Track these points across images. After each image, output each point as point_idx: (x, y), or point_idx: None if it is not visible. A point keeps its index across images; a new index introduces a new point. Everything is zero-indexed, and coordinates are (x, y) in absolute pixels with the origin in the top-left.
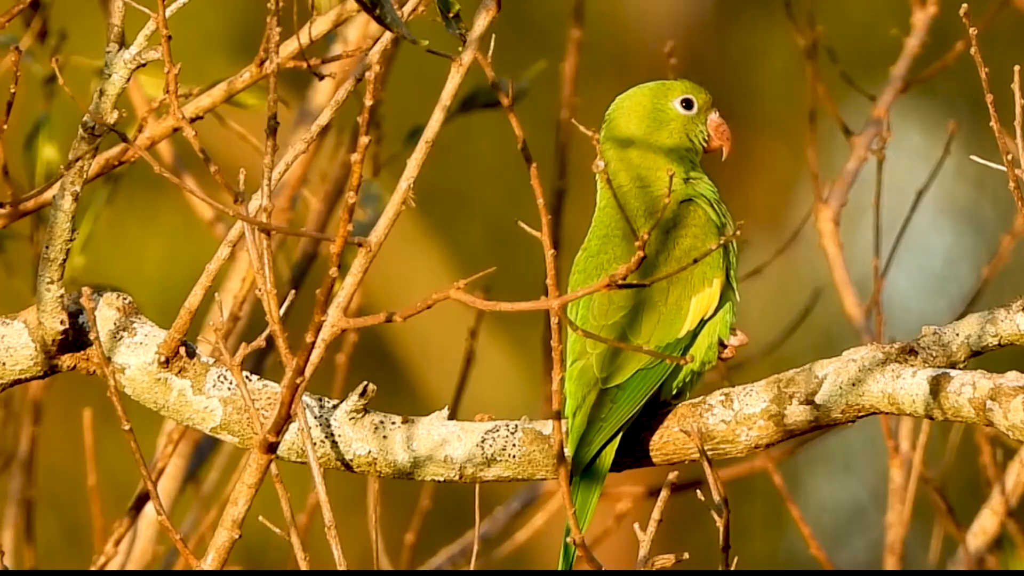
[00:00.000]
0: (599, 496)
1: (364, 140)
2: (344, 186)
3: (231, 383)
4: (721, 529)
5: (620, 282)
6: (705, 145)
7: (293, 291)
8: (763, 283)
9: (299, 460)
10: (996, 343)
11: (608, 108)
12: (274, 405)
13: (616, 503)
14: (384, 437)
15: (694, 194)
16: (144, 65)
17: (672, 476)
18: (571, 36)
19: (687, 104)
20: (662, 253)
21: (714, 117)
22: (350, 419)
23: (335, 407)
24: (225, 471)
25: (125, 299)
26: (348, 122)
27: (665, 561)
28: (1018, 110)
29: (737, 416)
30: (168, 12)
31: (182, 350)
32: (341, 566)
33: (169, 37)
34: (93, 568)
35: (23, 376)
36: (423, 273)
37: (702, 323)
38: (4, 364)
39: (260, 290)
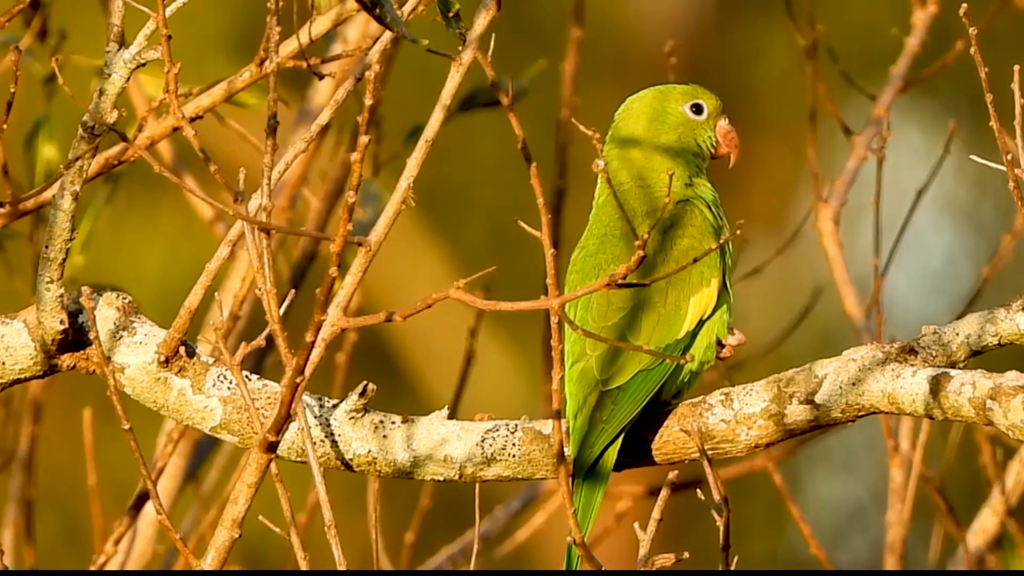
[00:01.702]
0: (602, 497)
1: (364, 139)
2: (344, 185)
3: (231, 382)
4: (721, 528)
5: (620, 282)
6: (713, 151)
7: (293, 290)
8: (763, 282)
9: (299, 459)
10: (996, 343)
11: (617, 109)
12: (274, 404)
13: (616, 502)
14: (384, 436)
15: (692, 196)
16: (144, 65)
17: (672, 475)
18: (571, 36)
19: (697, 109)
20: (660, 253)
21: (723, 124)
22: (350, 418)
23: (335, 406)
24: (225, 471)
25: (125, 298)
26: (348, 121)
27: (665, 560)
28: (1018, 110)
29: (737, 416)
30: (168, 12)
31: (182, 349)
32: (341, 566)
33: (169, 37)
34: (93, 568)
35: (23, 375)
36: (423, 273)
37: (700, 323)
38: (4, 363)
39: (260, 289)
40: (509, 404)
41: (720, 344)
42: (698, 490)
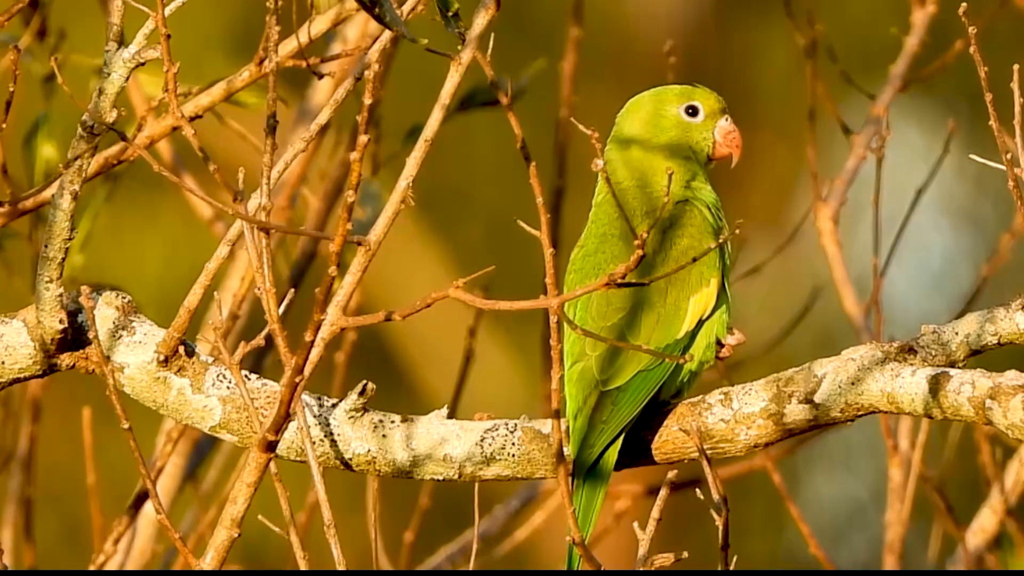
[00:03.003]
0: (604, 497)
1: (363, 139)
2: (343, 185)
3: (230, 382)
4: (720, 528)
5: (619, 281)
6: (710, 152)
7: (292, 290)
8: (762, 282)
9: (298, 459)
10: (995, 342)
11: (619, 109)
12: (273, 404)
13: (615, 502)
14: (383, 436)
15: (691, 196)
16: (143, 64)
17: (671, 475)
18: (570, 35)
19: (692, 111)
20: (659, 253)
21: (724, 124)
22: (349, 418)
23: (334, 406)
24: (224, 470)
25: (124, 298)
26: (347, 121)
27: (664, 560)
28: (1017, 109)
29: (736, 415)
30: (167, 11)
31: (181, 349)
32: (340, 565)
33: (168, 36)
34: (92, 567)
35: (22, 375)
36: (423, 272)
37: (700, 323)
38: (3, 363)
39: (259, 289)
40: (508, 404)
41: (719, 344)
42: (697, 490)
